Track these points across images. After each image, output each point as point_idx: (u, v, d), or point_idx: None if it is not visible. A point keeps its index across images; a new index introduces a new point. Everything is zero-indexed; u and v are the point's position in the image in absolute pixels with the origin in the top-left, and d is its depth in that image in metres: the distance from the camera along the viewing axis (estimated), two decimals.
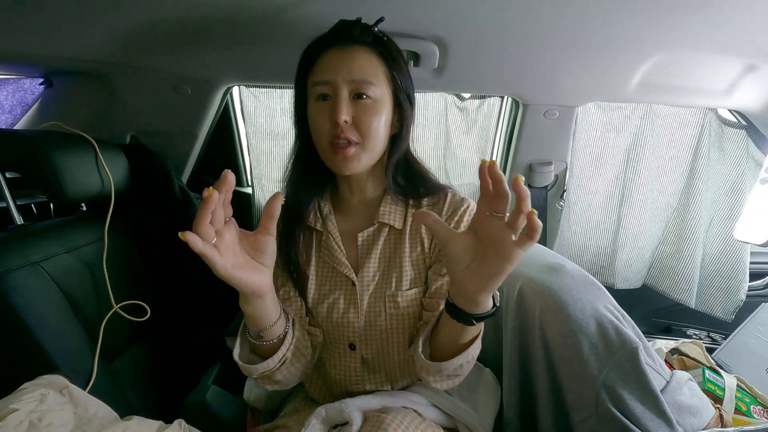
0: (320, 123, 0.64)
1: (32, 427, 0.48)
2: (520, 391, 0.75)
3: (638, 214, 1.34)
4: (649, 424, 0.61)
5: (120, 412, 0.61)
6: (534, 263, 0.77)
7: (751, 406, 0.83)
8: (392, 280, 0.70)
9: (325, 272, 0.72)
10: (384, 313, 0.69)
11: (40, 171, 0.73)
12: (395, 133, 0.69)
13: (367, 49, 0.64)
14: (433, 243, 0.71)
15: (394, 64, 0.66)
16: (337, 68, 0.62)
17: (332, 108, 0.62)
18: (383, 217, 0.71)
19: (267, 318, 0.59)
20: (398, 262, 0.70)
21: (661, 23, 0.86)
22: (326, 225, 0.73)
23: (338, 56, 0.63)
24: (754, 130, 1.23)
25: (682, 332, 1.45)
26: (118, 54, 0.89)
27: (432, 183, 0.74)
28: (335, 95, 0.62)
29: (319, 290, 0.71)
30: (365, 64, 0.63)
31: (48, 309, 0.68)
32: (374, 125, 0.63)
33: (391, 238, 0.72)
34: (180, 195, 0.99)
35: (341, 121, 0.61)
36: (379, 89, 0.63)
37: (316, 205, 0.73)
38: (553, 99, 1.15)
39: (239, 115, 1.24)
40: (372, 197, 0.73)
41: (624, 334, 0.64)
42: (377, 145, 0.65)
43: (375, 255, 0.71)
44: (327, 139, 0.64)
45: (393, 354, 0.71)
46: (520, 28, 0.88)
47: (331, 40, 0.64)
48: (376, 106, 0.63)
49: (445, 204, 0.72)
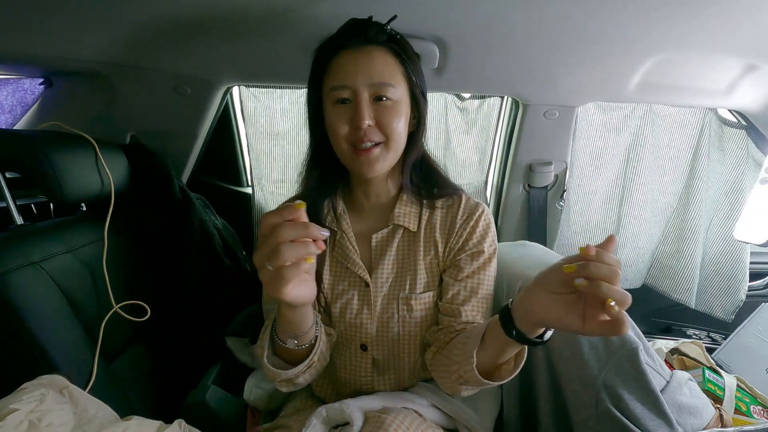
0: (340, 127, 0.63)
1: (32, 427, 0.48)
2: (520, 391, 0.75)
3: (638, 214, 1.34)
4: (649, 424, 0.61)
5: (120, 412, 0.61)
6: (534, 263, 0.77)
7: (751, 406, 0.83)
8: (406, 283, 0.70)
9: (339, 272, 0.73)
10: (397, 315, 0.69)
11: (40, 171, 0.73)
12: (412, 131, 0.69)
13: (382, 49, 0.63)
14: (447, 247, 0.71)
15: (410, 62, 0.66)
16: (356, 71, 0.61)
17: (354, 113, 0.61)
18: (398, 219, 0.71)
19: (306, 323, 0.58)
20: (412, 265, 0.71)
21: (661, 23, 0.86)
22: (340, 224, 0.73)
23: (354, 58, 0.62)
24: (754, 130, 1.23)
25: (682, 332, 1.45)
26: (118, 54, 0.89)
27: (446, 183, 0.74)
28: (356, 100, 0.61)
29: (332, 290, 0.72)
30: (383, 65, 0.62)
31: (48, 309, 0.68)
32: (396, 125, 0.63)
33: (405, 240, 0.72)
34: (180, 195, 0.99)
35: (365, 126, 0.61)
36: (398, 90, 0.63)
37: (330, 204, 0.73)
38: (553, 99, 1.15)
39: (239, 115, 1.24)
40: (387, 198, 0.73)
41: (624, 334, 0.64)
42: (400, 144, 0.66)
43: (389, 256, 0.71)
44: (348, 142, 0.63)
45: (404, 356, 0.71)
46: (521, 28, 0.88)
47: (346, 41, 0.63)
48: (397, 107, 0.63)
49: (460, 207, 0.72)
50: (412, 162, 0.70)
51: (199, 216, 0.99)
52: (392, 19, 0.67)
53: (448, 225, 0.72)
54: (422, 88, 0.68)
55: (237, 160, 1.32)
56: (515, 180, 1.30)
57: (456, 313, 0.68)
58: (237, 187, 1.34)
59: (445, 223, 0.73)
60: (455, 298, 0.69)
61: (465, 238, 0.71)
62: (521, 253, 0.84)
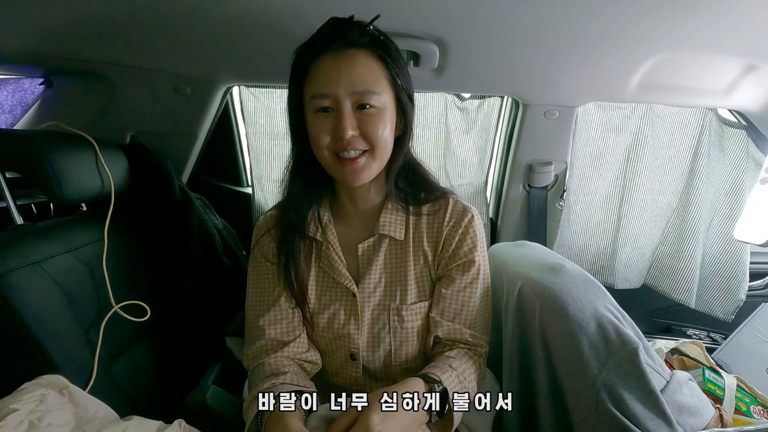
0: (323, 137, 0.61)
1: (32, 427, 0.48)
2: (520, 391, 0.75)
3: (638, 214, 1.33)
4: (649, 424, 0.61)
5: (120, 412, 0.61)
6: (534, 263, 0.77)
7: (751, 406, 0.83)
8: (397, 293, 0.69)
9: (325, 283, 0.71)
10: (388, 326, 0.68)
11: (40, 171, 0.73)
12: (398, 135, 0.67)
13: (365, 53, 0.60)
14: (437, 256, 0.70)
15: (394, 65, 0.62)
16: (337, 78, 0.58)
17: (336, 123, 0.59)
18: (383, 229, 0.69)
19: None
20: (403, 275, 0.69)
21: (661, 23, 0.86)
22: (326, 234, 0.71)
23: (336, 64, 0.59)
24: (754, 130, 1.23)
25: (682, 332, 1.45)
26: (118, 54, 0.89)
27: (433, 187, 0.73)
28: (338, 109, 0.59)
29: (319, 300, 0.70)
30: (366, 71, 0.59)
31: (48, 309, 0.68)
32: (381, 134, 0.61)
33: (393, 248, 0.70)
34: (180, 195, 0.99)
35: (348, 137, 0.59)
36: (382, 97, 0.60)
37: (315, 213, 0.71)
38: (553, 99, 1.15)
39: (239, 115, 1.24)
40: (373, 205, 0.72)
41: (624, 334, 0.64)
42: (386, 151, 0.64)
43: (376, 266, 0.69)
44: (331, 151, 0.62)
45: (397, 367, 0.70)
46: (521, 28, 0.88)
47: (326, 44, 0.60)
48: (381, 115, 0.61)
49: (446, 213, 0.70)
50: (397, 168, 0.68)
51: (199, 216, 0.99)
52: (375, 19, 0.63)
53: (434, 233, 0.70)
54: (408, 91, 0.65)
55: (237, 160, 1.32)
56: (515, 180, 1.30)
57: (443, 330, 0.68)
58: (237, 187, 1.34)
59: (431, 231, 0.71)
60: (445, 312, 0.68)
61: (455, 247, 0.69)
62: (521, 253, 0.84)
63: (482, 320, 0.72)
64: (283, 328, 0.69)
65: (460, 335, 0.68)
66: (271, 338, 0.68)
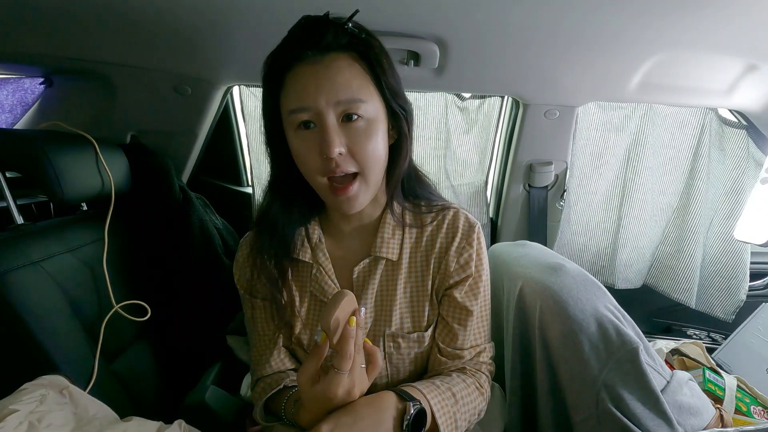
0: (309, 157, 0.54)
1: (32, 428, 0.48)
2: (521, 391, 0.75)
3: (638, 214, 1.33)
4: (650, 424, 0.61)
5: (120, 412, 0.60)
6: (534, 263, 0.77)
7: (751, 407, 0.83)
8: (391, 319, 0.64)
9: (316, 308, 0.66)
10: (384, 352, 0.64)
11: (40, 171, 0.73)
12: (392, 143, 0.61)
13: (345, 56, 0.53)
14: (440, 274, 0.65)
15: (379, 66, 0.55)
16: (317, 89, 0.51)
17: (321, 140, 0.52)
18: (380, 251, 0.64)
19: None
20: (396, 298, 0.64)
21: (661, 23, 0.86)
22: (316, 256, 0.65)
23: (314, 72, 0.52)
24: (754, 130, 1.23)
25: (683, 332, 1.45)
26: (118, 54, 0.89)
27: (435, 197, 0.69)
28: (321, 123, 0.52)
29: (310, 327, 0.66)
30: (348, 77, 0.52)
31: (48, 309, 0.68)
32: (371, 151, 0.55)
33: (388, 270, 0.65)
34: (180, 195, 0.99)
35: (335, 155, 0.52)
36: (370, 105, 0.54)
37: (303, 233, 0.66)
38: (554, 99, 1.15)
39: (239, 115, 1.24)
40: (369, 221, 0.66)
41: (624, 334, 0.64)
42: (378, 170, 0.58)
43: (371, 289, 0.64)
44: (320, 174, 0.55)
45: (395, 384, 0.66)
46: (521, 27, 0.88)
47: (300, 50, 0.53)
48: (371, 127, 0.54)
49: (457, 231, 0.65)
50: (396, 182, 0.62)
51: (200, 216, 0.99)
52: (354, 15, 0.54)
53: (438, 248, 0.66)
54: (398, 91, 0.58)
55: (237, 160, 1.32)
56: (515, 180, 1.30)
57: (452, 356, 0.65)
58: (237, 187, 1.34)
59: (434, 246, 0.66)
60: (453, 340, 0.64)
61: (462, 265, 0.65)
62: (521, 253, 0.84)
63: (484, 331, 0.69)
64: (286, 361, 0.68)
65: (461, 354, 0.66)
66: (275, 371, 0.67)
